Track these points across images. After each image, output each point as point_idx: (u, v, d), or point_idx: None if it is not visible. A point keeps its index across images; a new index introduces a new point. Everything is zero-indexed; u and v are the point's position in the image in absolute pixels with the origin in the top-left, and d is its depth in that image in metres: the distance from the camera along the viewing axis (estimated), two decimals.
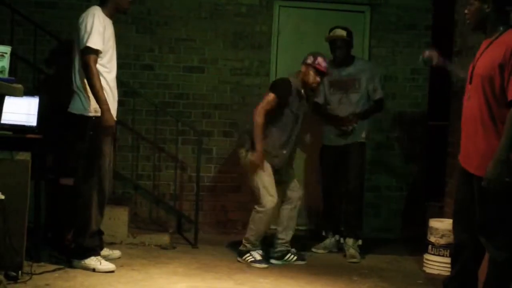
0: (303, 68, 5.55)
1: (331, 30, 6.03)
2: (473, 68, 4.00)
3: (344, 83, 5.94)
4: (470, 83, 3.97)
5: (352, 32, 6.05)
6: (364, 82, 5.91)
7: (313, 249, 6.04)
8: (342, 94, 5.93)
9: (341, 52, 5.94)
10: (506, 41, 3.79)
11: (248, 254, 5.44)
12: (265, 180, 5.41)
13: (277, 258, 5.56)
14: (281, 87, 5.45)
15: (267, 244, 5.66)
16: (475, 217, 3.91)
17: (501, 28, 3.87)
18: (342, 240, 6.00)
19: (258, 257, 5.42)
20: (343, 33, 5.92)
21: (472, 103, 3.93)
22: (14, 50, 4.70)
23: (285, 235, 5.60)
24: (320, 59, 5.49)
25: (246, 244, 5.48)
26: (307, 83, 5.52)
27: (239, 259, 5.49)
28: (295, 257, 5.58)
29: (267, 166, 5.43)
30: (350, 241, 5.87)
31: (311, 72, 5.49)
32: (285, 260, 5.55)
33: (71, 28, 5.01)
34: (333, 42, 5.98)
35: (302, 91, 5.54)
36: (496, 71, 3.77)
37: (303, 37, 6.92)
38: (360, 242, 5.90)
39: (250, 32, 6.77)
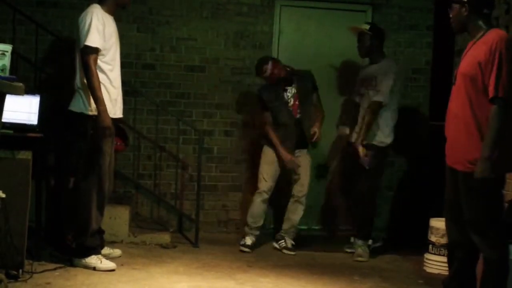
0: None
1: None
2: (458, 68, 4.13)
3: (365, 80, 5.99)
4: (454, 83, 4.12)
5: (381, 29, 6.04)
6: (381, 82, 5.86)
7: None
8: (364, 91, 5.96)
9: (360, 46, 6.04)
10: (487, 41, 3.91)
11: (242, 238, 5.99)
12: (263, 168, 6.07)
13: (275, 241, 6.14)
14: (259, 100, 6.18)
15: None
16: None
17: (484, 28, 4.00)
18: (352, 239, 6.04)
19: (248, 242, 5.95)
20: (365, 26, 5.99)
21: (455, 103, 4.08)
22: (16, 49, 4.71)
23: (284, 225, 6.12)
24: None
25: (245, 227, 6.06)
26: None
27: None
28: (285, 245, 6.00)
29: (270, 157, 6.02)
30: (359, 241, 5.89)
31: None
32: (279, 245, 6.05)
33: (73, 27, 5.01)
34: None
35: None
36: (477, 70, 3.89)
37: (305, 37, 6.92)
38: (370, 242, 5.96)
39: (251, 31, 6.77)
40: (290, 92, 6.09)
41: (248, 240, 5.95)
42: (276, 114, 6.04)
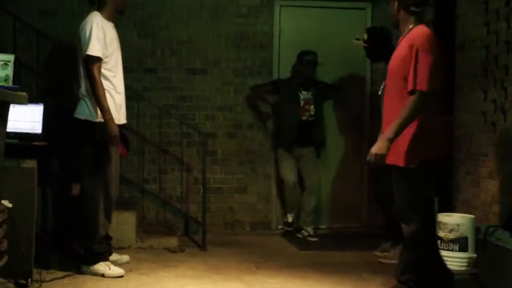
0: None
1: None
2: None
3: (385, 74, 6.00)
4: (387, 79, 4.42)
5: (381, 31, 5.95)
6: None
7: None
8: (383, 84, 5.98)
9: (369, 55, 6.10)
10: (410, 37, 4.21)
11: (284, 218, 6.76)
12: (281, 165, 6.71)
13: (297, 232, 6.71)
14: (273, 83, 6.79)
15: None
16: None
17: (411, 26, 4.27)
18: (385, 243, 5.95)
19: (289, 220, 6.69)
20: (361, 42, 5.98)
21: (387, 97, 4.36)
22: (17, 58, 4.70)
23: (302, 215, 6.72)
24: None
25: (286, 209, 6.76)
26: None
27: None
28: (308, 233, 6.60)
29: (284, 154, 6.66)
30: (387, 244, 5.83)
31: None
32: (302, 235, 6.63)
33: (73, 34, 5.01)
34: None
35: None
36: (401, 65, 4.18)
37: (305, 36, 6.92)
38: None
39: (251, 32, 6.77)
40: (304, 95, 6.57)
41: (290, 218, 6.68)
42: (280, 106, 6.58)
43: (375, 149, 4.17)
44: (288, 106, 6.55)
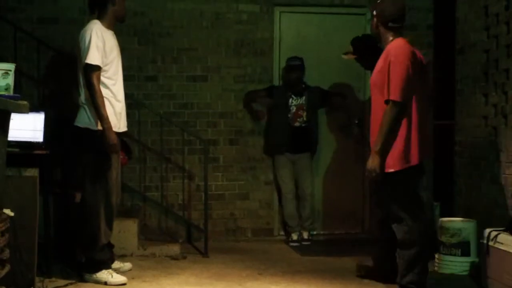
0: None
1: None
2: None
3: None
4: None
5: (366, 39, 6.02)
6: None
7: None
8: None
9: (363, 65, 6.25)
10: (387, 50, 4.44)
11: (289, 237, 6.68)
12: (279, 173, 6.73)
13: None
14: (267, 89, 6.80)
15: None
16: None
17: (390, 39, 4.50)
18: None
19: (294, 237, 6.62)
20: (350, 55, 6.12)
21: (372, 109, 4.57)
22: (18, 66, 4.70)
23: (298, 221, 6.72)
24: None
25: (287, 227, 6.72)
26: None
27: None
28: (302, 237, 6.62)
29: (281, 161, 6.69)
30: None
31: None
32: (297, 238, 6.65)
33: (74, 42, 5.02)
34: None
35: None
36: (379, 77, 4.42)
37: (305, 42, 6.93)
38: None
39: (251, 39, 6.78)
40: (296, 101, 6.60)
41: (294, 236, 6.61)
42: (273, 111, 6.64)
43: (368, 165, 4.40)
44: (280, 112, 6.59)
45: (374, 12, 4.62)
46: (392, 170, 4.38)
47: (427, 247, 4.58)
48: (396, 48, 4.39)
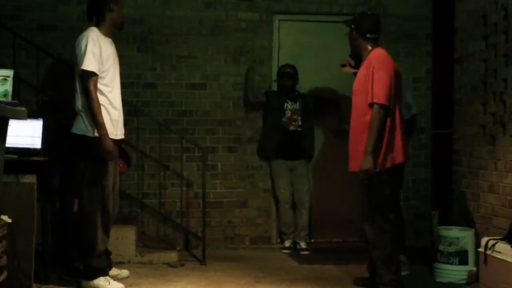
0: None
1: None
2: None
3: None
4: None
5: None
6: None
7: None
8: None
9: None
10: (369, 59, 4.74)
11: (282, 243, 6.73)
12: (276, 181, 6.75)
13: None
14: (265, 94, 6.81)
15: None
16: None
17: (369, 49, 4.80)
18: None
19: (287, 244, 6.67)
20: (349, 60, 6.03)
21: (353, 113, 4.83)
22: (17, 73, 4.72)
23: (294, 230, 6.71)
24: None
25: (282, 235, 6.76)
26: None
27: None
28: (300, 247, 6.60)
29: (279, 169, 6.69)
30: (402, 257, 5.79)
31: None
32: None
33: (73, 49, 5.03)
34: None
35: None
36: (361, 85, 4.69)
37: (304, 50, 6.95)
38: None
39: (251, 47, 6.80)
40: (291, 105, 6.61)
41: (287, 243, 6.67)
42: (269, 115, 6.68)
43: (363, 166, 4.60)
44: (276, 115, 6.61)
45: (353, 26, 4.89)
46: (380, 169, 4.63)
47: (399, 247, 4.92)
48: (377, 56, 4.72)
